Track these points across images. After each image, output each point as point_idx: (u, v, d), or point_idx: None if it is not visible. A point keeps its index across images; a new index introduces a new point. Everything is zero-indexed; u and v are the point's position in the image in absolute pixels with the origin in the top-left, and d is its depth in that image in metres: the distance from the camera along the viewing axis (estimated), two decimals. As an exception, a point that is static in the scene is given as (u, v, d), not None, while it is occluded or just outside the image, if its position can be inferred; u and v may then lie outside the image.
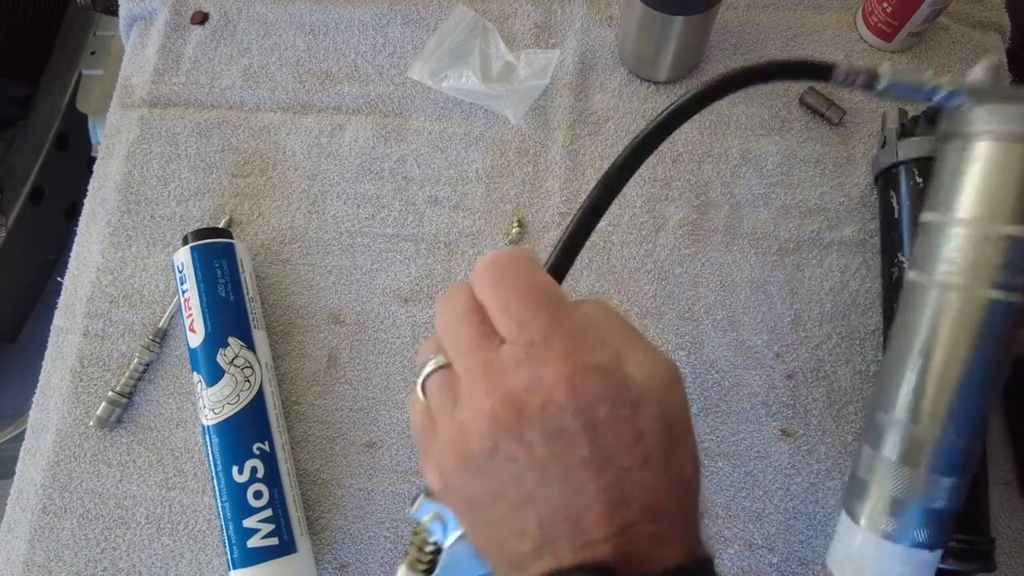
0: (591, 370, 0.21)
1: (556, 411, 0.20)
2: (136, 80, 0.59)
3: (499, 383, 0.21)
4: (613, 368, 0.21)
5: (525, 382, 0.21)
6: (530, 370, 0.21)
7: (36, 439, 0.50)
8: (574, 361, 0.21)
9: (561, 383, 0.20)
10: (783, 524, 0.44)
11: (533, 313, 0.22)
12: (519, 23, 0.57)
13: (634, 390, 0.21)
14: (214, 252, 0.47)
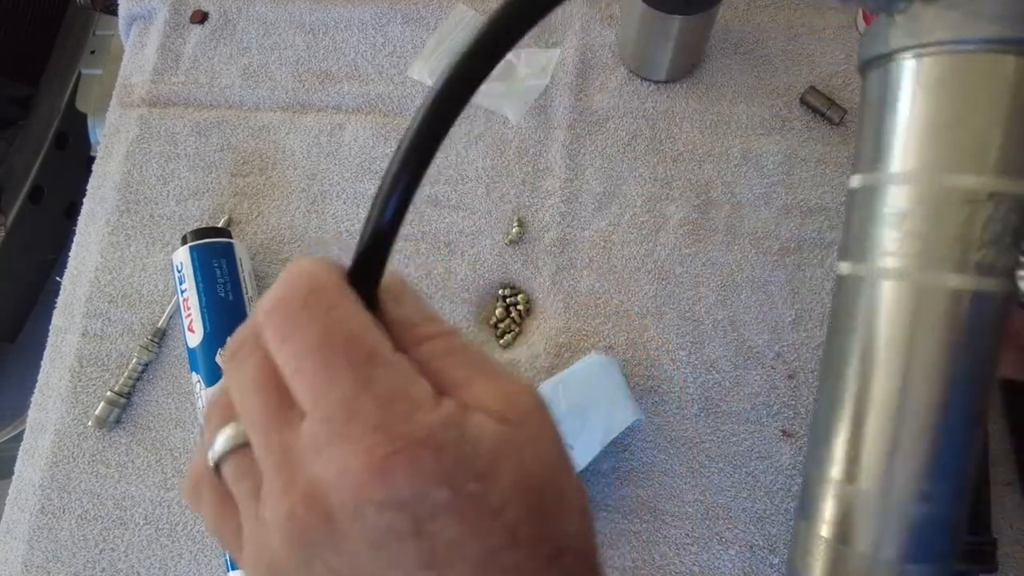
0: (416, 446, 0.15)
1: (374, 511, 0.15)
2: (135, 79, 0.59)
3: (297, 478, 0.16)
4: (449, 435, 0.16)
5: (328, 476, 0.15)
6: (331, 458, 0.16)
7: (35, 439, 0.50)
8: (390, 437, 0.15)
9: (372, 474, 0.15)
10: (784, 525, 0.44)
11: (330, 375, 0.16)
12: (519, 22, 0.57)
13: (483, 455, 0.16)
14: (213, 252, 0.47)
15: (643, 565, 0.43)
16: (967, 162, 0.19)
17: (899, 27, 0.20)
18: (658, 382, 0.47)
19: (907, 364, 0.19)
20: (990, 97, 0.19)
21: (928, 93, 0.19)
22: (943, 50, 0.19)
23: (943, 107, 0.19)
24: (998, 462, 0.44)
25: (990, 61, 0.19)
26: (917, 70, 0.19)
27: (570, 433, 0.43)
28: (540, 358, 0.48)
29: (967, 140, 0.19)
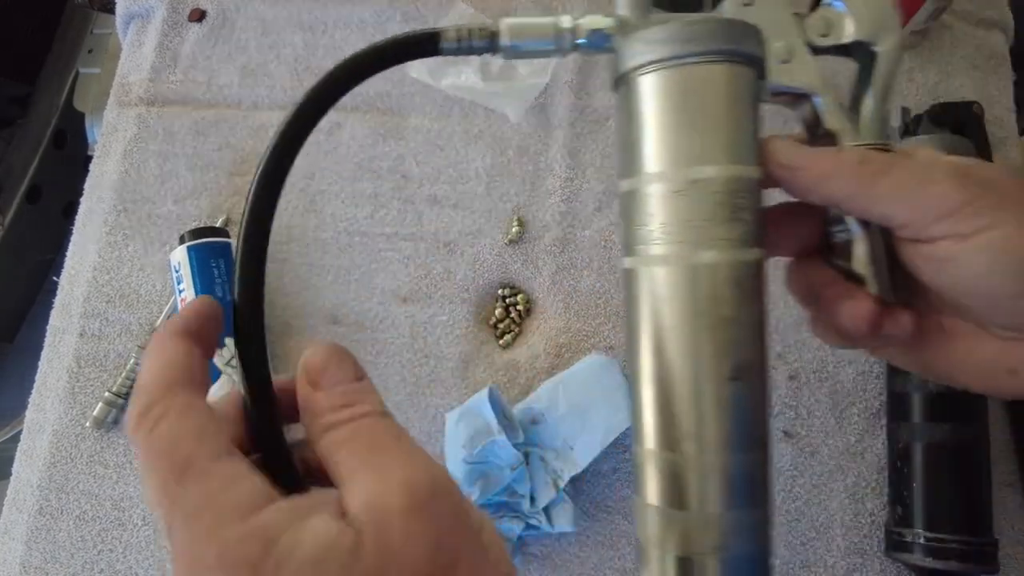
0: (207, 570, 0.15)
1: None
2: (133, 78, 0.59)
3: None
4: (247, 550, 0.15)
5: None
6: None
7: (32, 440, 0.50)
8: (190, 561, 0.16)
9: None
10: (785, 526, 0.43)
11: (152, 489, 0.17)
12: (519, 21, 0.57)
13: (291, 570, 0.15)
14: (211, 251, 0.47)
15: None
16: (703, 156, 0.23)
17: (622, 53, 0.24)
18: (658, 382, 0.47)
19: (690, 336, 0.23)
20: (709, 100, 0.23)
21: (659, 103, 0.23)
22: (661, 66, 0.23)
23: (674, 112, 0.23)
24: (999, 462, 0.43)
25: (703, 71, 0.23)
26: (647, 85, 0.24)
27: (570, 434, 0.43)
28: (540, 358, 0.48)
29: (698, 137, 0.23)
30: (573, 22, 0.25)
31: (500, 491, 0.41)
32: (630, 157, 0.24)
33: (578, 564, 0.44)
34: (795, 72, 0.25)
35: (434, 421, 0.47)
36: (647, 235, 0.23)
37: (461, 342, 0.49)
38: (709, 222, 0.22)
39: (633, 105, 0.24)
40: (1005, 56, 0.53)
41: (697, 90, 0.23)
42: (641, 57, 0.23)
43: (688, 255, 0.23)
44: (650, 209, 0.23)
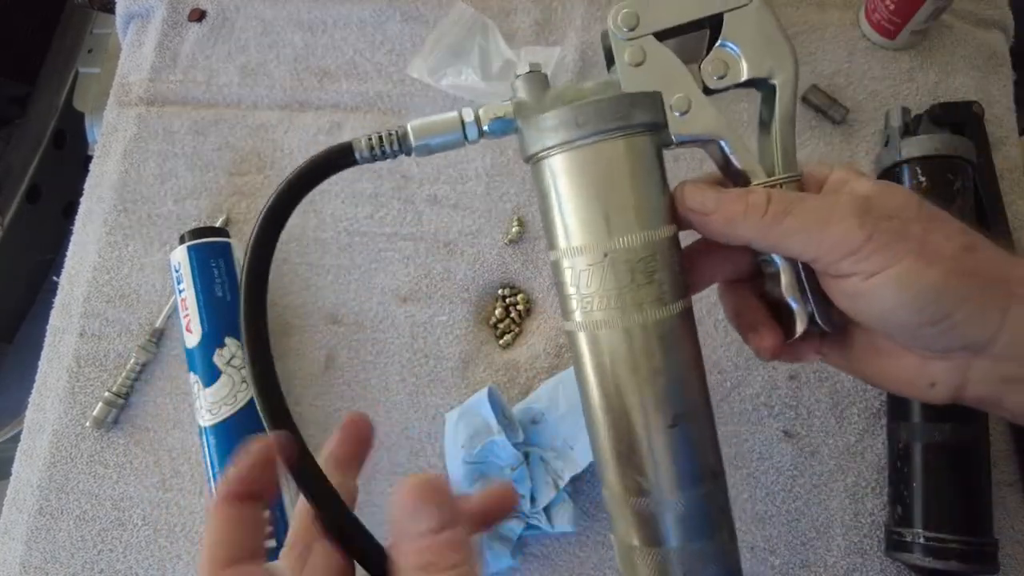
0: None
1: None
2: (133, 78, 0.59)
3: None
4: None
5: None
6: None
7: (32, 440, 0.50)
8: None
9: None
10: (785, 526, 0.43)
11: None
12: (519, 20, 0.57)
13: None
14: (211, 251, 0.47)
15: (644, 566, 0.43)
16: (613, 229, 0.24)
17: (525, 138, 0.25)
18: (659, 382, 0.47)
19: (630, 392, 0.24)
20: (611, 175, 0.24)
21: (564, 182, 0.24)
22: (561, 150, 0.24)
23: (580, 191, 0.24)
24: (999, 463, 0.44)
25: (601, 149, 0.24)
26: (551, 167, 0.25)
27: (570, 434, 0.42)
28: (540, 358, 0.48)
29: (607, 212, 0.24)
30: (474, 113, 0.26)
31: (500, 491, 0.41)
32: (550, 231, 0.26)
33: (578, 564, 0.44)
34: (696, 121, 0.26)
35: (434, 421, 0.47)
36: (575, 303, 0.25)
37: (461, 342, 0.49)
38: (628, 288, 0.24)
39: (543, 185, 0.25)
40: (1005, 56, 0.53)
41: (598, 168, 0.24)
42: (542, 143, 0.24)
43: (612, 320, 0.24)
44: (573, 279, 0.25)
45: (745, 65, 0.26)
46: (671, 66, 0.25)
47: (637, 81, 0.25)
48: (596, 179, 0.24)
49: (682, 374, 0.25)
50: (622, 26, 0.25)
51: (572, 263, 0.25)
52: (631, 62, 0.25)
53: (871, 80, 0.53)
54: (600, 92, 0.26)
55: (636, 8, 0.25)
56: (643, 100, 0.25)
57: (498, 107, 0.26)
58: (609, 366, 0.25)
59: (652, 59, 0.25)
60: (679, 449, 0.24)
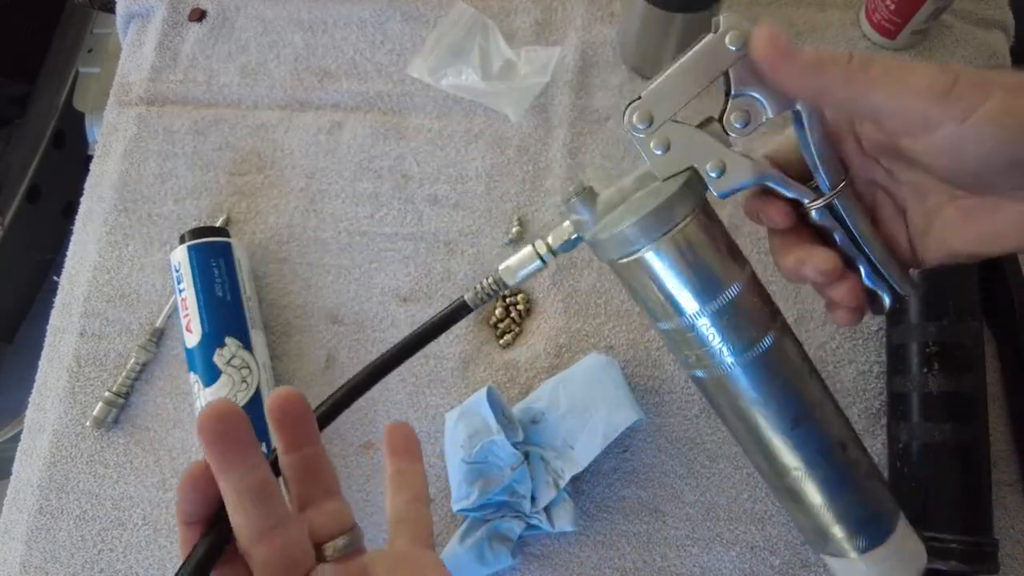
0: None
1: None
2: (133, 78, 0.59)
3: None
4: None
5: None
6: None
7: (33, 440, 0.50)
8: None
9: None
10: (786, 526, 0.43)
11: None
12: (519, 20, 0.57)
13: None
14: (211, 251, 0.47)
15: (643, 566, 0.43)
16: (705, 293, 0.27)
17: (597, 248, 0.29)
18: (658, 382, 0.47)
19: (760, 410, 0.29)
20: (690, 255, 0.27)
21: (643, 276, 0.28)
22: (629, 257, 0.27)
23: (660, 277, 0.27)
24: (999, 462, 0.43)
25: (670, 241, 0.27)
26: (627, 268, 0.28)
27: (570, 434, 0.42)
28: (540, 358, 0.48)
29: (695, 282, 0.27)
30: (545, 243, 0.30)
31: (501, 490, 0.41)
32: (653, 311, 0.29)
33: (578, 564, 0.44)
34: (735, 175, 0.27)
35: (434, 421, 0.47)
36: (694, 357, 0.29)
37: (461, 342, 0.49)
38: (727, 336, 0.27)
39: (630, 281, 0.29)
40: (1005, 56, 0.53)
41: (671, 260, 0.27)
42: (616, 253, 0.28)
43: (727, 364, 0.28)
44: (685, 343, 0.29)
45: (766, 105, 0.27)
46: (695, 138, 0.27)
47: (669, 165, 0.27)
48: (673, 268, 0.27)
49: (790, 387, 0.29)
50: (639, 124, 0.27)
51: (681, 330, 0.28)
52: (659, 150, 0.27)
53: (871, 80, 0.53)
54: (640, 185, 0.28)
55: (646, 104, 0.26)
56: (680, 193, 0.27)
57: (561, 231, 0.29)
58: (736, 398, 0.29)
59: (676, 140, 0.27)
60: (804, 441, 0.29)
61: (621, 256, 0.28)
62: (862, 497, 0.31)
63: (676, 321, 0.28)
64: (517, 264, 0.30)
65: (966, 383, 0.41)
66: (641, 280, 0.28)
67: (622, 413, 0.42)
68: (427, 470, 0.46)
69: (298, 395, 0.25)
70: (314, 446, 0.26)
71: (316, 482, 0.26)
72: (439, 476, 0.46)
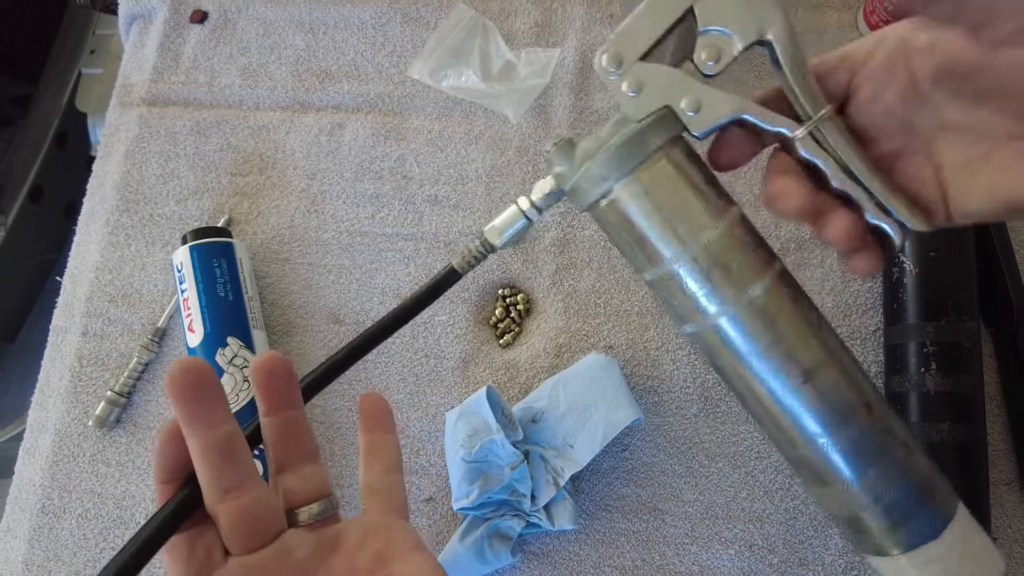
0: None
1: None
2: (135, 79, 0.59)
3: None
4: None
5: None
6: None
7: (35, 439, 0.50)
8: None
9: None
10: (784, 524, 0.44)
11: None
12: (519, 21, 0.57)
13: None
14: (213, 251, 0.47)
15: (643, 565, 0.44)
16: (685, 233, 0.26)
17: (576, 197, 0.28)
18: (658, 382, 0.47)
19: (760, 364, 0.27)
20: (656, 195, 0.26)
21: (631, 214, 0.26)
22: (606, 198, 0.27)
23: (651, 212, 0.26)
24: (998, 462, 0.44)
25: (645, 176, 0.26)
26: (613, 208, 0.27)
27: (570, 433, 0.43)
28: (540, 358, 0.48)
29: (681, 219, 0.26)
30: (528, 199, 0.29)
31: (501, 489, 0.41)
32: (634, 259, 0.28)
33: (577, 562, 0.44)
34: (711, 111, 0.26)
35: (434, 420, 0.47)
36: (681, 310, 0.27)
37: (461, 341, 0.49)
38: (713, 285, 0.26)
39: (608, 227, 0.28)
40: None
41: (645, 197, 0.26)
42: (590, 197, 0.27)
43: (711, 317, 0.26)
44: (668, 294, 0.27)
45: (735, 39, 0.26)
46: (667, 77, 0.26)
47: (644, 106, 0.26)
48: (648, 207, 0.26)
49: (795, 336, 0.26)
50: (609, 68, 0.26)
51: (663, 278, 0.27)
52: (632, 91, 0.26)
53: (870, 81, 0.53)
54: (618, 130, 0.27)
55: (615, 46, 0.26)
56: (651, 125, 0.26)
57: (544, 184, 0.29)
58: (733, 352, 0.27)
59: (648, 81, 0.26)
60: (821, 398, 0.26)
61: (597, 199, 0.27)
62: (900, 473, 0.26)
63: (657, 267, 0.27)
64: (502, 223, 0.29)
65: (964, 383, 0.41)
66: (619, 225, 0.27)
67: (621, 412, 0.42)
68: (428, 469, 0.47)
69: (284, 359, 0.25)
70: (295, 410, 0.25)
71: (295, 446, 0.25)
72: (439, 475, 0.46)
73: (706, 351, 0.28)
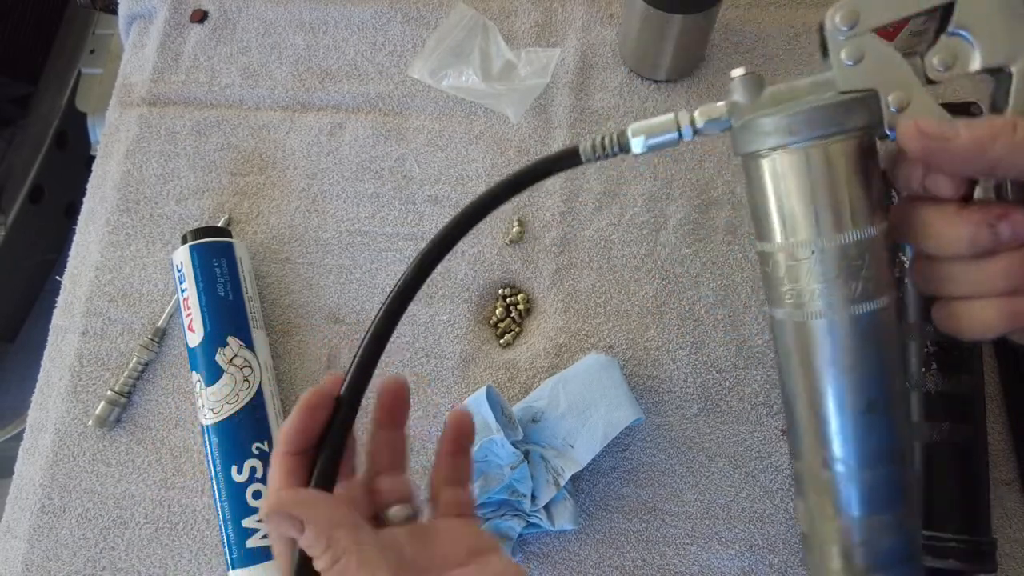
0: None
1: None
2: (135, 79, 0.59)
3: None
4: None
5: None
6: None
7: (35, 438, 0.50)
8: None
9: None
10: (784, 524, 0.44)
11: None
12: (519, 21, 0.57)
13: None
14: (213, 251, 0.47)
15: (643, 564, 0.44)
16: (831, 223, 0.25)
17: (742, 137, 0.26)
18: (658, 382, 0.47)
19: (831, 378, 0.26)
20: (827, 176, 0.25)
21: (780, 181, 0.25)
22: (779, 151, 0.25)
23: (796, 190, 0.25)
24: (998, 462, 0.44)
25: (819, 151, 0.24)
26: (768, 166, 0.25)
27: (570, 433, 0.43)
28: (540, 358, 0.48)
29: (820, 210, 0.25)
30: (689, 116, 0.27)
31: (501, 489, 0.41)
32: (761, 224, 0.27)
33: (578, 562, 0.44)
34: (915, 116, 0.25)
35: (435, 420, 0.47)
36: (783, 293, 0.26)
37: (461, 341, 0.49)
38: (836, 283, 0.25)
39: (759, 181, 0.26)
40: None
41: (812, 170, 0.24)
42: (757, 144, 0.25)
43: (818, 312, 0.25)
44: (783, 271, 0.26)
45: (978, 53, 0.24)
46: (890, 62, 0.25)
47: (854, 80, 0.25)
48: (810, 180, 0.25)
49: (879, 366, 0.26)
50: (840, 25, 0.24)
51: (784, 255, 0.26)
52: (849, 60, 0.25)
53: (870, 81, 0.53)
54: (815, 91, 0.26)
55: (856, 5, 0.24)
56: (858, 104, 0.25)
57: (713, 108, 0.27)
58: (813, 354, 0.26)
59: (870, 56, 0.25)
60: (870, 432, 0.26)
61: (766, 148, 0.25)
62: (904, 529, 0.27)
63: (785, 242, 0.25)
64: (649, 128, 0.27)
65: (964, 383, 0.41)
66: (773, 184, 0.25)
67: (622, 412, 0.42)
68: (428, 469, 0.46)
69: (406, 386, 0.29)
70: (401, 429, 0.30)
71: (393, 457, 0.29)
72: (439, 475, 0.46)
73: (783, 342, 0.27)
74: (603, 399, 0.43)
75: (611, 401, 0.42)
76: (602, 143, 0.27)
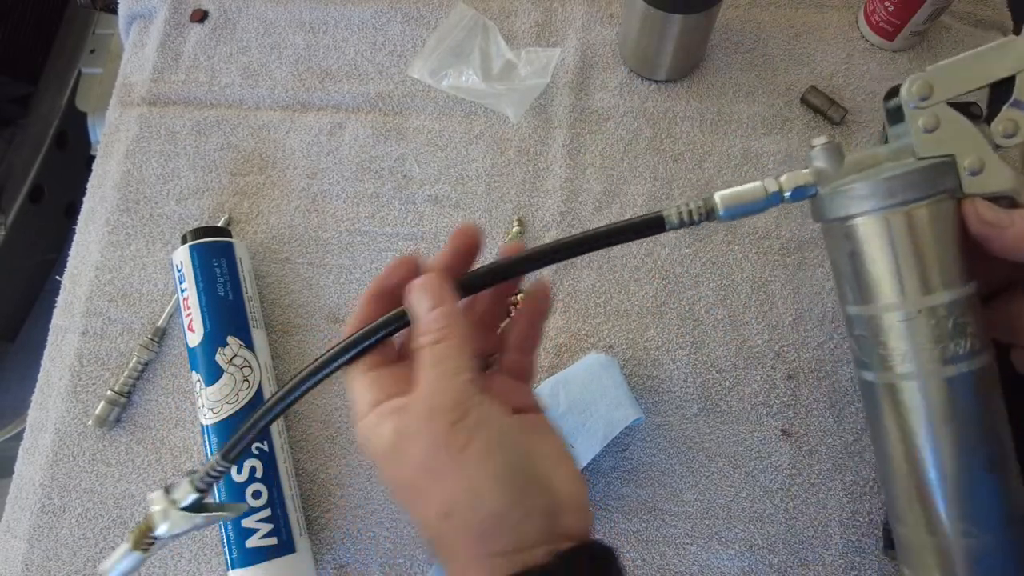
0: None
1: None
2: (135, 78, 0.59)
3: None
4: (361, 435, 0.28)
5: None
6: None
7: (35, 438, 0.50)
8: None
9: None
10: (784, 525, 0.44)
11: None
12: (519, 21, 0.57)
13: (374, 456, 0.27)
14: (213, 251, 0.47)
15: (643, 564, 0.44)
16: (929, 284, 0.26)
17: (830, 203, 0.27)
18: (658, 382, 0.47)
19: (943, 439, 0.26)
20: (918, 239, 0.26)
21: (872, 245, 0.26)
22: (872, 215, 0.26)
23: (890, 253, 0.26)
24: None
25: (907, 216, 0.26)
26: (859, 231, 0.27)
27: (570, 432, 0.43)
28: (540, 358, 0.48)
29: (916, 272, 0.26)
30: (777, 184, 0.28)
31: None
32: (854, 288, 0.28)
33: (578, 562, 0.44)
34: (989, 180, 0.27)
35: (434, 420, 0.47)
36: (886, 355, 0.27)
37: (461, 341, 0.49)
38: (942, 342, 0.26)
39: (851, 245, 0.27)
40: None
41: (908, 232, 0.26)
42: (848, 209, 0.27)
43: (928, 373, 0.26)
44: (882, 334, 0.27)
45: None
46: (963, 129, 0.27)
47: (931, 146, 0.27)
48: (906, 242, 0.26)
49: (995, 421, 0.27)
50: (916, 95, 0.26)
51: (883, 318, 0.27)
52: (926, 129, 0.27)
53: (870, 81, 0.53)
54: (895, 158, 0.27)
55: (930, 79, 0.26)
56: (943, 168, 0.26)
57: (799, 176, 0.28)
58: (925, 415, 0.26)
59: (945, 124, 0.27)
60: (994, 494, 0.26)
61: (850, 216, 0.26)
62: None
63: (871, 306, 0.26)
64: (736, 196, 0.28)
65: None
66: (857, 250, 0.27)
67: (621, 412, 0.42)
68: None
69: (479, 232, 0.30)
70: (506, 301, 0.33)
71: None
72: (439, 475, 0.46)
73: (889, 402, 0.27)
74: (603, 399, 0.43)
75: (611, 401, 0.42)
76: (689, 211, 0.27)
